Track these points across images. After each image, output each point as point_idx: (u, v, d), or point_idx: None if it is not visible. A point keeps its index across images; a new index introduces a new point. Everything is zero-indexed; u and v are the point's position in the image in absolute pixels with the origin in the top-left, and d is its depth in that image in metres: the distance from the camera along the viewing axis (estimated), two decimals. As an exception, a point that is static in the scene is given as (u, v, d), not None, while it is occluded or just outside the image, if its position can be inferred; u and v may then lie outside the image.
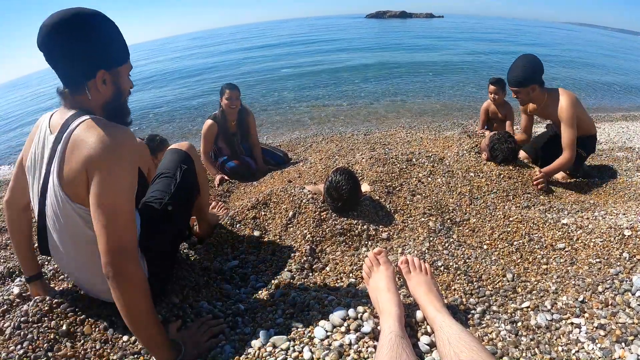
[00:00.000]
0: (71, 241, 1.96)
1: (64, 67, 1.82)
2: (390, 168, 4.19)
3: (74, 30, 1.74)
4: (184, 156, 2.61)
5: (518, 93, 4.42)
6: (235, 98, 5.67)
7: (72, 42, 1.74)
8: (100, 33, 1.82)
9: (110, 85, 1.91)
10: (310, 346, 1.83)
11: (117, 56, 1.91)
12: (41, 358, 1.97)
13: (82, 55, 1.78)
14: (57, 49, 1.76)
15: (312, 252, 2.90)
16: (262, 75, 21.14)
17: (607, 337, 1.94)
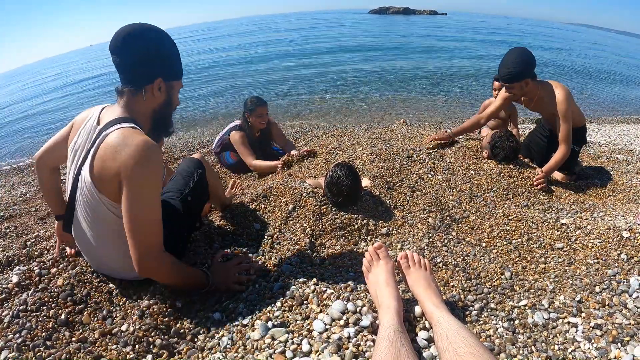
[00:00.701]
0: (94, 223, 2.21)
1: (131, 69, 2.13)
2: (390, 164, 4.20)
3: (146, 40, 2.10)
4: (199, 163, 2.95)
5: (511, 89, 4.31)
6: (266, 114, 5.66)
7: (142, 49, 2.09)
8: (165, 48, 2.17)
9: (163, 94, 2.23)
10: (309, 339, 1.83)
11: (174, 71, 2.25)
12: (39, 347, 1.97)
13: (147, 62, 2.12)
14: (129, 53, 2.09)
15: (312, 246, 2.90)
16: (263, 69, 21.09)
17: (604, 337, 1.96)
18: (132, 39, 2.08)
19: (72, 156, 2.26)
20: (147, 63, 2.12)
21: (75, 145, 2.25)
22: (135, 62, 2.11)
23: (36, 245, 2.99)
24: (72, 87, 23.82)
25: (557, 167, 4.40)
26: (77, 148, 2.23)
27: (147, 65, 2.13)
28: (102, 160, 2.02)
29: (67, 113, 15.85)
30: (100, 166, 2.03)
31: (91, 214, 2.19)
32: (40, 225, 4.53)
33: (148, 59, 2.12)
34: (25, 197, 6.03)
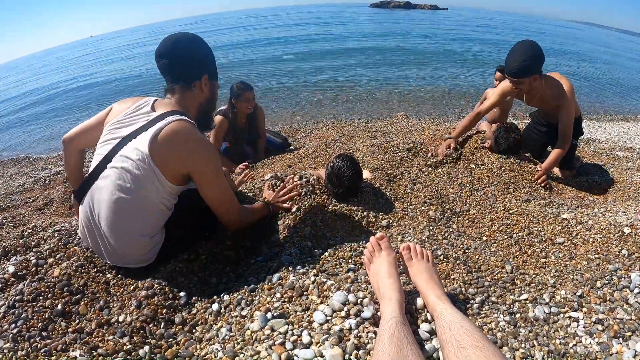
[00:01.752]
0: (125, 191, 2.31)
1: (182, 67, 2.48)
2: (391, 156, 4.20)
3: (192, 44, 2.51)
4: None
5: (520, 84, 4.10)
6: (252, 99, 5.67)
7: (191, 51, 2.49)
8: (207, 51, 2.57)
9: (208, 89, 2.60)
10: (310, 330, 1.82)
11: (214, 71, 2.65)
12: (35, 337, 1.96)
13: (197, 62, 2.52)
14: (180, 55, 2.45)
15: (312, 237, 2.88)
16: (263, 61, 21.08)
17: (605, 332, 1.95)
18: (181, 44, 2.46)
19: (111, 132, 2.45)
20: (195, 63, 2.51)
21: (118, 123, 2.46)
22: (185, 63, 2.48)
23: (33, 235, 2.98)
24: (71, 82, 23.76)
25: (557, 162, 4.34)
26: (122, 126, 2.44)
27: (195, 65, 2.51)
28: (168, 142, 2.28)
29: (66, 110, 15.82)
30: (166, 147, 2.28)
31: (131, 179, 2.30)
32: (38, 215, 4.54)
33: (196, 60, 2.51)
34: (22, 188, 6.04)
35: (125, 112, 2.49)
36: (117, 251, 2.43)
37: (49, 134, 11.79)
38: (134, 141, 2.31)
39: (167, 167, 2.31)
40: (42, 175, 6.55)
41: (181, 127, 2.32)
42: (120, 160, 2.30)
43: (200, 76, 2.51)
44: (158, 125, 2.29)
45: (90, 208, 2.40)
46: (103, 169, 2.35)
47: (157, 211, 2.43)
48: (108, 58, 34.38)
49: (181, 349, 1.98)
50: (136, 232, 2.38)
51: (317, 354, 1.66)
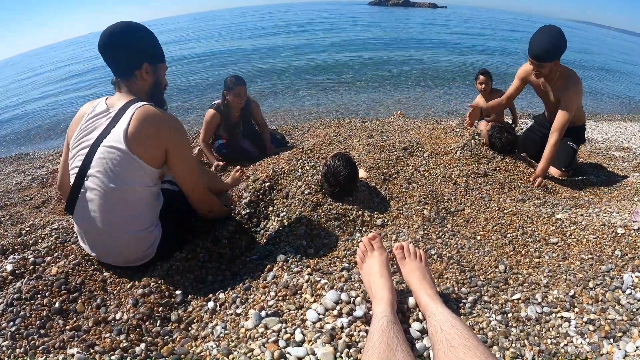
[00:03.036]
0: (114, 189, 2.35)
1: (121, 60, 2.49)
2: (387, 155, 4.20)
3: (129, 34, 2.47)
4: None
5: (541, 67, 4.16)
6: (243, 94, 5.64)
7: (128, 42, 2.46)
8: (145, 38, 2.55)
9: (151, 76, 2.59)
10: (302, 328, 1.84)
11: (157, 55, 2.62)
12: (33, 335, 1.97)
13: (134, 51, 2.49)
14: (116, 48, 2.45)
15: (307, 236, 2.90)
16: (261, 59, 21.03)
17: (596, 333, 1.96)
18: (114, 37, 2.44)
19: (79, 140, 2.46)
20: (132, 53, 2.49)
21: (83, 130, 2.46)
22: (122, 55, 2.48)
23: (31, 233, 2.98)
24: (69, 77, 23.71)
25: (550, 161, 4.37)
26: (86, 133, 2.44)
27: (132, 55, 2.49)
28: (141, 128, 2.34)
29: (63, 104, 15.79)
30: (139, 133, 2.33)
31: (114, 177, 2.34)
32: (35, 213, 4.53)
33: (132, 50, 2.49)
34: (20, 186, 6.03)
35: (83, 120, 2.52)
36: (118, 252, 2.47)
37: (47, 132, 11.77)
38: (106, 140, 2.35)
39: (146, 152, 2.37)
40: (39, 173, 6.53)
41: (146, 111, 2.39)
42: (99, 164, 2.34)
43: (140, 65, 2.51)
44: (125, 118, 2.36)
45: (83, 218, 2.43)
46: (82, 181, 2.39)
47: (145, 203, 2.50)
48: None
49: (177, 346, 2.00)
50: (130, 229, 2.43)
51: (309, 352, 1.67)
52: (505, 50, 24.37)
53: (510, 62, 19.74)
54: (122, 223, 2.41)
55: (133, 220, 2.44)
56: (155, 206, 2.58)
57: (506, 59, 21.24)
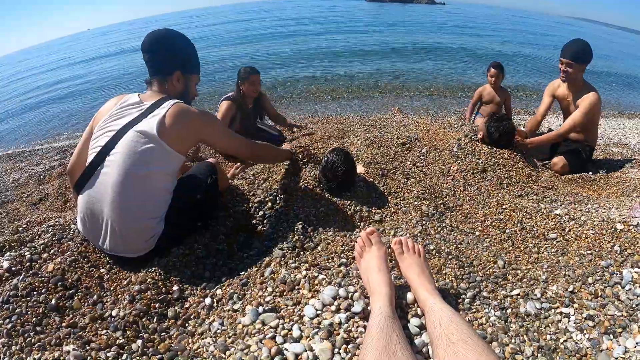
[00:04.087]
0: (130, 175, 2.42)
1: (158, 63, 2.73)
2: (385, 150, 4.20)
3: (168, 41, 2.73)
4: (213, 169, 3.19)
5: (570, 66, 4.60)
6: (258, 82, 5.76)
7: (165, 47, 2.72)
8: (182, 47, 2.80)
9: (182, 84, 2.80)
10: (300, 324, 1.83)
11: (191, 66, 2.86)
12: (29, 332, 1.98)
13: (169, 58, 2.72)
14: (158, 50, 2.71)
15: (304, 231, 2.89)
16: (258, 56, 20.98)
17: (596, 328, 1.96)
18: (157, 41, 2.69)
19: (106, 126, 2.58)
20: (169, 59, 2.72)
21: (112, 116, 2.61)
22: (160, 59, 2.72)
23: (27, 230, 2.97)
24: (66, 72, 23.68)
25: (543, 143, 4.91)
26: (116, 118, 2.58)
27: (169, 61, 2.72)
28: (175, 120, 2.51)
29: (61, 101, 15.76)
30: (174, 123, 2.51)
31: (137, 159, 2.43)
32: (32, 211, 4.53)
33: (169, 56, 2.72)
34: (17, 183, 6.03)
35: (114, 108, 2.65)
36: (120, 236, 2.47)
37: (44, 129, 11.75)
38: (137, 126, 2.47)
39: (175, 140, 2.52)
40: (37, 170, 6.52)
41: (183, 106, 2.58)
42: (125, 146, 2.43)
43: (173, 72, 2.73)
44: (159, 110, 2.53)
45: (92, 196, 2.46)
46: (104, 158, 2.46)
47: (159, 192, 2.58)
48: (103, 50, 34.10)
49: (174, 343, 1.99)
50: (142, 215, 2.50)
51: (306, 348, 1.66)
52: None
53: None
54: (132, 206, 2.45)
55: (143, 205, 2.50)
56: (167, 199, 2.63)
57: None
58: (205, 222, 2.97)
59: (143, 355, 1.90)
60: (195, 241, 2.77)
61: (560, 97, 5.06)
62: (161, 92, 2.73)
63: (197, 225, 2.91)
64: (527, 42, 29.86)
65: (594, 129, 5.02)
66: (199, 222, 2.93)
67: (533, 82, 15.52)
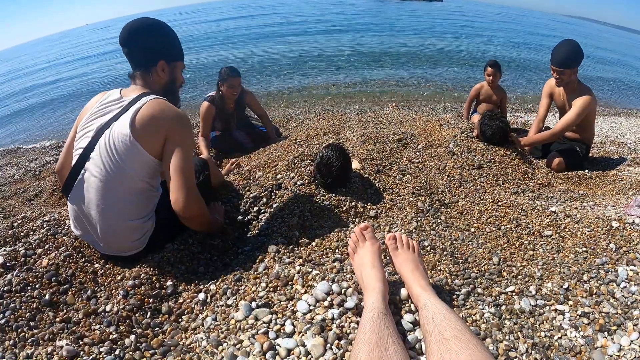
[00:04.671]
0: (114, 173, 2.38)
1: (139, 55, 2.58)
2: (381, 146, 4.19)
3: (148, 31, 2.57)
4: (205, 165, 3.24)
5: (562, 74, 4.62)
6: (237, 85, 5.65)
7: (146, 38, 2.56)
8: (164, 35, 2.63)
9: (167, 73, 2.67)
10: (293, 320, 1.83)
11: (174, 54, 2.71)
12: (23, 327, 1.98)
13: (151, 48, 2.57)
14: (135, 43, 2.55)
15: (299, 227, 2.89)
16: (254, 51, 20.97)
17: (591, 326, 1.95)
18: (136, 32, 2.53)
19: (87, 126, 2.53)
20: (149, 49, 2.57)
21: (93, 114, 2.55)
22: (141, 50, 2.57)
23: (22, 226, 2.97)
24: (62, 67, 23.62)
25: (539, 141, 4.95)
26: (95, 117, 2.52)
27: (150, 51, 2.58)
28: (148, 118, 2.39)
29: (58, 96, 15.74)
30: (145, 122, 2.38)
31: (115, 161, 2.37)
32: (28, 206, 4.52)
33: (150, 46, 2.57)
34: (13, 179, 6.03)
35: (95, 106, 2.60)
36: (109, 239, 2.46)
37: (39, 125, 11.73)
38: (114, 125, 2.41)
39: (148, 141, 2.40)
40: (32, 166, 6.53)
41: (157, 103, 2.45)
42: (103, 147, 2.37)
43: (156, 62, 2.60)
44: (135, 106, 2.42)
45: (78, 200, 2.45)
46: (85, 161, 2.42)
47: (143, 192, 2.51)
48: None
49: (167, 338, 2.00)
50: (126, 217, 2.45)
51: (299, 344, 1.66)
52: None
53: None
54: (116, 209, 2.42)
55: (128, 207, 2.46)
56: (153, 197, 2.60)
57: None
58: None
59: (136, 350, 1.91)
60: (190, 236, 2.76)
61: (556, 97, 5.11)
62: (145, 85, 2.63)
63: None
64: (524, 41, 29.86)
65: (590, 128, 5.03)
66: None
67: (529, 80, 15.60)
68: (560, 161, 4.68)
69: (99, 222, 2.42)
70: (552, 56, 4.66)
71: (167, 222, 2.63)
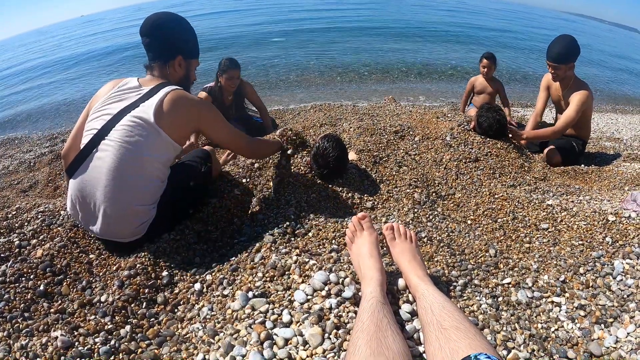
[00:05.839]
0: (125, 159, 2.40)
1: (159, 47, 2.68)
2: (378, 138, 4.19)
3: (169, 26, 2.68)
4: (208, 156, 3.19)
5: (557, 69, 4.64)
6: (237, 77, 5.61)
7: (168, 33, 2.67)
8: (184, 32, 2.75)
9: (183, 69, 2.78)
10: (290, 309, 1.82)
11: (192, 51, 2.83)
12: (17, 318, 1.97)
13: (171, 43, 2.69)
14: (157, 36, 2.65)
15: (296, 217, 2.89)
16: (251, 43, 20.91)
17: (587, 318, 1.96)
18: (159, 25, 2.64)
19: (102, 109, 2.56)
20: (169, 44, 2.68)
21: (110, 98, 2.58)
22: (162, 43, 2.67)
23: (17, 217, 2.95)
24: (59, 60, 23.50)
25: (539, 139, 4.98)
26: (112, 102, 2.56)
27: (170, 46, 2.69)
28: (175, 105, 2.51)
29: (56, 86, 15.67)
30: (171, 109, 2.49)
31: (133, 143, 2.41)
32: (22, 197, 4.50)
33: (171, 41, 2.68)
34: (7, 170, 6.02)
35: (112, 91, 2.62)
36: (111, 222, 2.45)
37: (34, 116, 11.67)
38: (134, 112, 2.45)
39: (172, 128, 2.51)
40: (27, 158, 6.51)
41: (181, 93, 2.56)
42: (121, 130, 2.41)
43: (175, 56, 2.70)
44: (157, 95, 2.49)
45: (84, 180, 2.43)
46: (99, 142, 2.43)
47: (154, 179, 2.54)
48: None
49: (162, 328, 1.99)
50: (133, 201, 2.46)
51: (296, 333, 1.65)
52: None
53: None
54: (126, 192, 2.43)
55: (137, 192, 2.48)
56: (160, 187, 2.61)
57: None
58: (196, 208, 2.95)
59: (132, 341, 1.90)
60: (186, 227, 2.75)
61: (552, 91, 5.11)
62: (162, 77, 2.70)
63: (189, 212, 2.89)
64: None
65: (587, 124, 5.04)
66: (191, 209, 2.91)
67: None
68: (558, 156, 4.69)
69: (104, 203, 2.40)
70: (548, 51, 4.69)
71: (167, 214, 2.64)
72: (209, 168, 3.08)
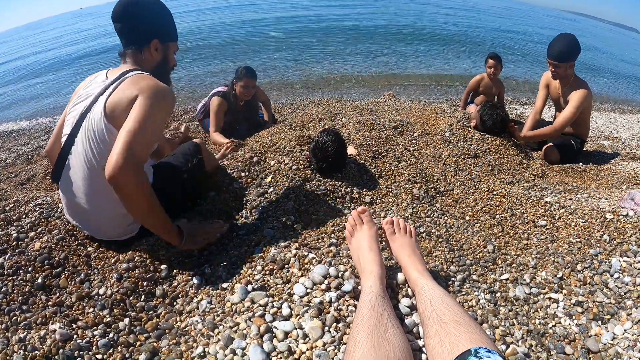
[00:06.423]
0: (96, 160, 2.26)
1: (132, 32, 2.45)
2: (377, 133, 4.20)
3: (143, 8, 2.42)
4: (197, 149, 3.12)
5: (558, 67, 4.63)
6: (252, 87, 5.61)
7: (140, 15, 2.42)
8: (159, 13, 2.49)
9: (160, 54, 2.54)
10: (290, 302, 1.83)
11: (168, 34, 2.58)
12: (15, 311, 1.96)
13: (144, 26, 2.45)
14: (130, 20, 2.42)
15: (295, 211, 2.89)
16: (250, 38, 20.85)
17: (584, 314, 1.98)
18: (132, 8, 2.40)
19: (72, 108, 2.46)
20: (144, 27, 2.45)
21: (78, 98, 2.46)
22: (135, 27, 2.44)
23: (14, 210, 2.94)
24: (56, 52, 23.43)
25: (538, 139, 4.90)
26: (79, 101, 2.43)
27: (143, 29, 2.45)
28: (121, 91, 2.22)
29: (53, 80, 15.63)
30: (118, 97, 2.21)
31: (96, 147, 2.25)
32: (20, 190, 4.49)
33: (145, 24, 2.45)
34: (4, 163, 5.99)
35: (82, 88, 2.54)
36: (101, 225, 2.44)
37: (32, 109, 11.64)
38: (91, 112, 2.29)
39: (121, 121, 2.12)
40: (24, 150, 6.49)
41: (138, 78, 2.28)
42: (84, 133, 2.29)
43: (150, 41, 2.46)
44: (114, 85, 2.29)
45: (68, 188, 2.41)
46: (69, 150, 2.36)
47: None
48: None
49: (161, 321, 1.99)
50: (117, 205, 2.13)
51: (296, 326, 1.66)
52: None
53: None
54: (104, 196, 2.27)
55: (112, 195, 2.05)
56: None
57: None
58: (194, 202, 2.94)
59: (130, 334, 1.91)
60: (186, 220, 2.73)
61: (552, 89, 5.10)
62: (135, 64, 2.48)
63: (187, 206, 2.88)
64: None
65: (585, 123, 5.05)
66: (189, 203, 2.90)
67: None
68: (556, 154, 4.69)
69: (89, 210, 2.38)
70: (549, 49, 4.67)
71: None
72: (199, 160, 3.04)
